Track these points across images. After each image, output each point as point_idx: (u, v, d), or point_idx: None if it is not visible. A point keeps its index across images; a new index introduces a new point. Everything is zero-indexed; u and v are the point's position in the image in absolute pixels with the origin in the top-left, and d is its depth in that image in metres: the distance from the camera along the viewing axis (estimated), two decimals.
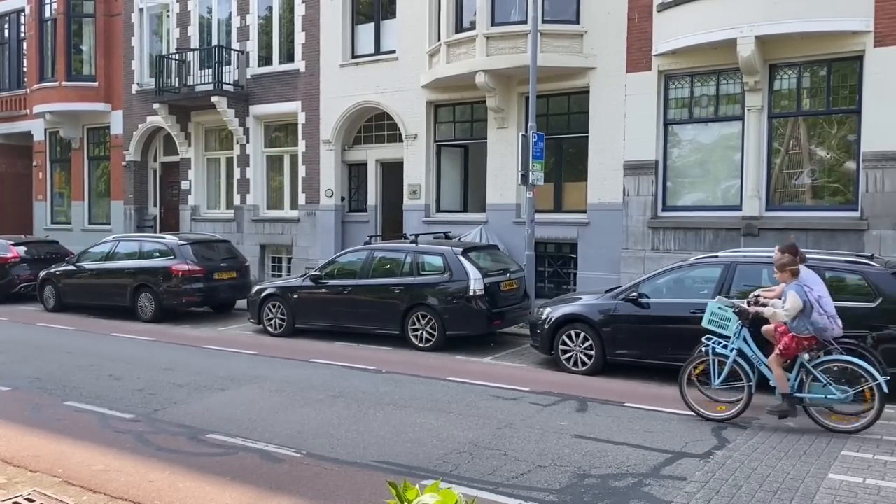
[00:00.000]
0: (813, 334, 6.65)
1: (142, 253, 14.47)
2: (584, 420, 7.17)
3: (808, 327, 6.64)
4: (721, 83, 12.34)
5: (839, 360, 6.61)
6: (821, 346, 6.70)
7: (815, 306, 6.63)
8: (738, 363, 7.00)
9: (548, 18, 13.37)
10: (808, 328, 6.64)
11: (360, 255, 12.15)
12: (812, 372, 6.64)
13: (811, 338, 6.66)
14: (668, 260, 11.55)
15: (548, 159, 13.14)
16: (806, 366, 6.66)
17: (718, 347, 7.12)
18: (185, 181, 19.83)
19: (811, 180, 11.88)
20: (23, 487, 5.39)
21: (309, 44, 17.24)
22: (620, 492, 5.31)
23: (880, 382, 6.35)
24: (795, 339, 6.66)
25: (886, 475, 5.47)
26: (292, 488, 5.40)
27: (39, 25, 21.80)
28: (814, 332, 6.64)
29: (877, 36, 10.75)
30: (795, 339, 6.66)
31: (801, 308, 6.58)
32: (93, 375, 9.22)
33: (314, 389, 8.43)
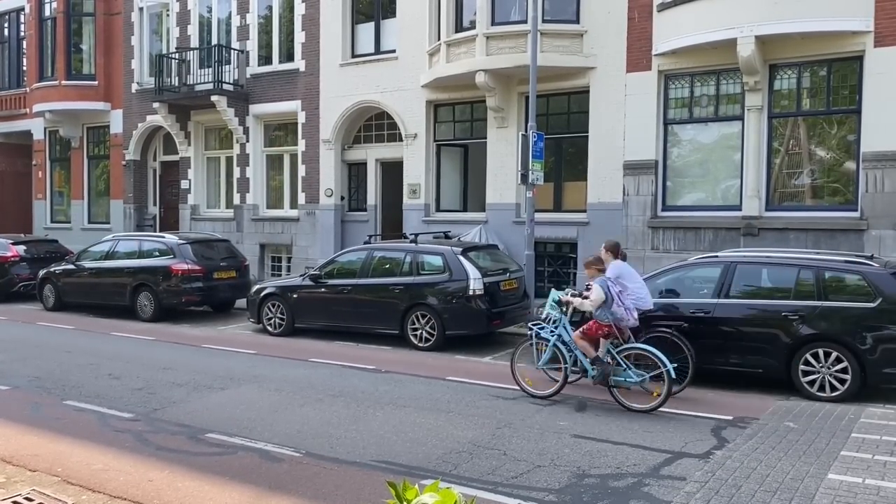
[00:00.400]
0: (610, 322, 7.54)
1: (141, 252, 14.46)
2: (583, 420, 7.17)
3: (608, 316, 7.53)
4: (721, 83, 12.34)
5: (636, 348, 7.59)
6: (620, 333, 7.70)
7: (616, 299, 7.56)
8: (557, 347, 7.92)
9: (548, 18, 13.37)
10: (607, 317, 7.54)
11: (359, 255, 12.15)
12: (616, 357, 7.55)
13: (609, 325, 7.56)
14: (667, 260, 11.56)
15: (547, 159, 13.13)
16: (612, 352, 7.60)
17: (543, 333, 8.07)
18: (185, 180, 19.82)
19: (811, 180, 11.88)
20: (22, 486, 5.39)
21: (309, 43, 17.23)
22: (620, 492, 5.31)
23: (669, 369, 7.24)
24: (596, 325, 7.63)
25: (886, 475, 5.46)
26: (292, 488, 5.40)
27: (39, 24, 21.79)
28: (612, 320, 7.53)
29: (877, 36, 10.75)
30: (597, 324, 7.63)
31: (603, 299, 7.52)
32: (92, 374, 9.21)
33: (314, 389, 8.42)
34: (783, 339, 8.09)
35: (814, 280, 8.16)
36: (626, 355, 7.54)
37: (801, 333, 8.02)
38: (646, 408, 7.37)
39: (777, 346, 8.13)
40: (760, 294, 8.62)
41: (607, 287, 7.56)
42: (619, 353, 7.55)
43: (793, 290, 8.26)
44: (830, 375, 7.89)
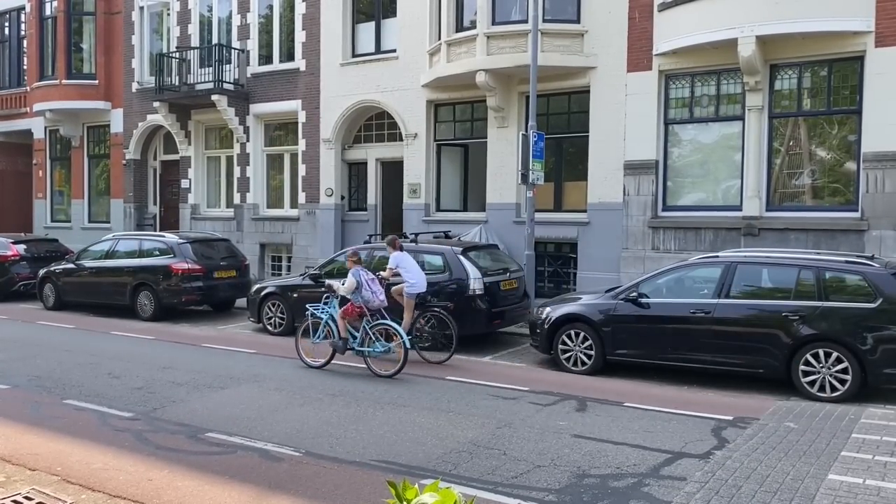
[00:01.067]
0: (360, 304, 9.27)
1: (141, 251, 14.46)
2: (583, 420, 7.17)
3: (359, 299, 9.28)
4: (722, 83, 12.33)
5: (382, 324, 9.24)
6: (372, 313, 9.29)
7: (364, 285, 9.25)
8: (328, 325, 9.51)
9: (548, 18, 13.36)
10: (358, 300, 9.28)
11: (360, 255, 12.12)
12: (369, 332, 9.14)
13: (360, 306, 9.29)
14: (668, 260, 11.56)
15: (548, 159, 13.13)
16: (366, 328, 9.20)
17: (317, 312, 9.66)
18: (185, 180, 19.82)
19: (811, 180, 11.87)
20: (21, 486, 5.39)
21: (309, 42, 17.23)
22: (620, 492, 5.31)
23: (404, 340, 8.89)
24: (352, 306, 9.36)
25: (886, 476, 5.46)
26: (291, 487, 5.39)
27: (40, 23, 21.79)
28: (362, 302, 9.26)
29: (878, 36, 10.75)
30: (352, 306, 9.36)
31: (355, 286, 9.22)
32: (92, 374, 9.21)
33: (313, 388, 8.42)
34: (783, 340, 8.09)
35: (814, 280, 8.16)
36: (376, 329, 9.17)
37: (801, 333, 8.01)
38: (388, 373, 8.97)
39: (777, 346, 8.13)
40: (761, 294, 8.62)
41: (359, 275, 9.30)
42: (371, 329, 9.17)
43: (793, 290, 8.26)
44: (831, 376, 7.89)
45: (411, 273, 9.95)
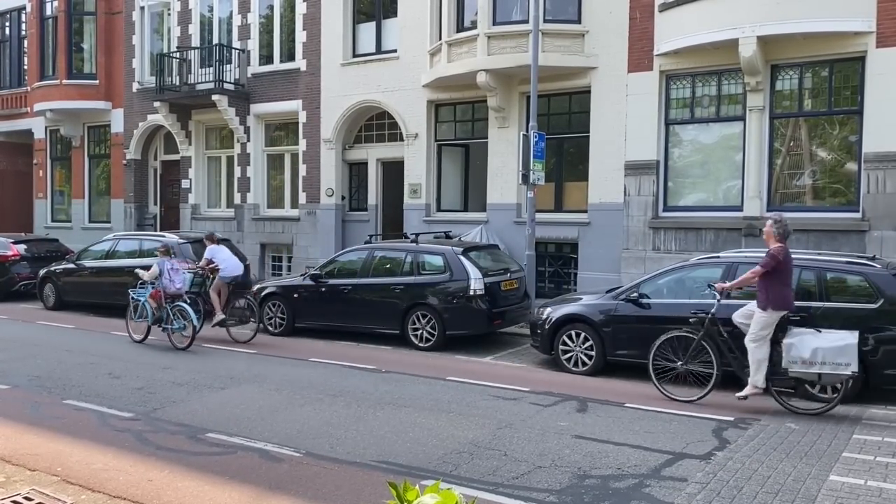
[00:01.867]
0: (160, 289, 11.07)
1: (142, 251, 14.44)
2: (584, 420, 7.16)
3: (161, 285, 11.05)
4: (722, 83, 12.32)
5: (178, 306, 10.94)
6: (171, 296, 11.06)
7: (166, 273, 11.05)
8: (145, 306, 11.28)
9: (549, 18, 13.35)
10: (161, 286, 11.05)
11: (360, 255, 12.14)
12: (169, 312, 10.96)
13: (159, 291, 11.07)
14: (668, 260, 11.54)
15: (548, 159, 13.12)
16: (168, 308, 10.95)
17: (135, 296, 11.47)
18: (186, 180, 19.82)
19: (812, 181, 11.86)
20: (21, 486, 5.38)
21: (310, 42, 17.22)
22: (621, 493, 5.29)
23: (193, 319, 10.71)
24: (157, 291, 11.10)
25: (888, 477, 5.45)
26: (292, 488, 5.38)
27: (40, 23, 21.79)
28: (160, 288, 11.06)
29: (879, 36, 10.73)
30: (157, 291, 11.09)
31: (157, 274, 11.07)
32: (92, 374, 9.20)
33: (314, 388, 8.41)
34: None
35: (815, 281, 8.15)
36: (175, 310, 10.95)
37: None
38: (183, 346, 10.83)
39: None
40: None
41: (162, 265, 11.09)
42: (171, 309, 11.00)
43: (794, 290, 8.23)
44: None
45: (223, 262, 11.69)
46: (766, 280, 7.41)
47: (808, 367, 7.23)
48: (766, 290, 7.43)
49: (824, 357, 7.14)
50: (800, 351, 7.24)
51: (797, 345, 7.28)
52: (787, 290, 7.53)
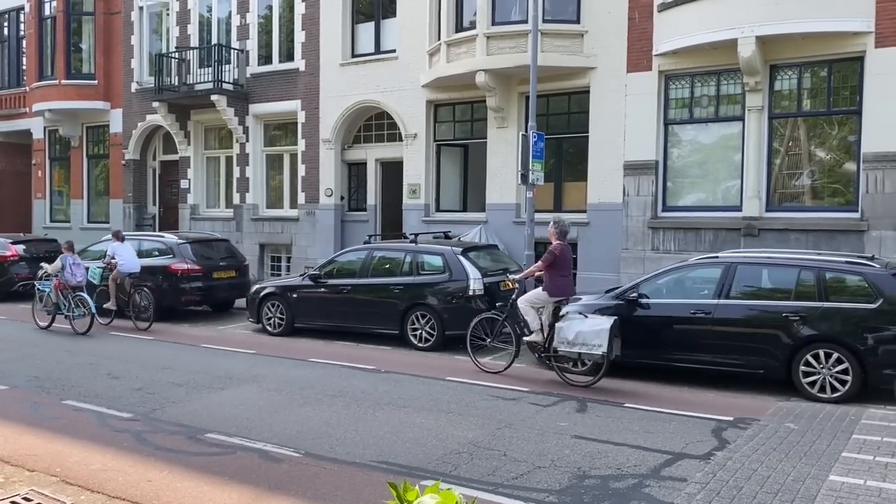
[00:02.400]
0: (63, 282, 12.28)
1: (141, 252, 14.41)
2: (583, 420, 7.16)
3: (63, 278, 12.29)
4: (721, 83, 12.33)
5: (79, 296, 12.15)
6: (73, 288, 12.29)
7: (68, 268, 12.26)
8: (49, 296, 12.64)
9: (548, 18, 13.36)
10: (63, 278, 12.29)
11: (359, 255, 12.14)
12: (71, 302, 12.25)
13: (62, 283, 12.29)
14: (668, 260, 11.54)
15: (548, 159, 13.11)
16: (70, 298, 12.27)
17: (41, 287, 12.92)
18: (185, 180, 19.81)
19: (811, 181, 11.87)
20: (20, 486, 5.37)
21: (309, 43, 17.21)
22: (621, 493, 5.29)
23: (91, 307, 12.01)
24: (59, 282, 12.37)
25: (887, 477, 5.45)
26: (291, 488, 5.38)
27: (39, 23, 21.78)
28: (62, 280, 12.29)
29: (878, 36, 10.74)
30: (59, 282, 12.36)
31: (59, 268, 12.27)
32: (91, 374, 9.20)
33: (313, 389, 8.41)
34: (784, 340, 8.08)
35: (814, 281, 8.14)
36: (76, 300, 12.13)
37: (801, 334, 8.00)
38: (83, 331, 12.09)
39: (778, 346, 8.11)
40: (761, 295, 8.60)
41: (65, 260, 12.31)
42: (73, 299, 12.08)
43: (793, 290, 8.25)
44: (831, 376, 7.87)
45: (123, 258, 13.02)
46: (547, 272, 8.81)
47: (571, 347, 8.45)
48: (547, 280, 8.82)
49: (584, 339, 8.32)
50: (566, 333, 8.45)
51: (565, 328, 8.48)
52: (564, 280, 8.92)
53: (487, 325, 9.54)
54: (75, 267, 12.39)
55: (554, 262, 8.74)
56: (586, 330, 8.34)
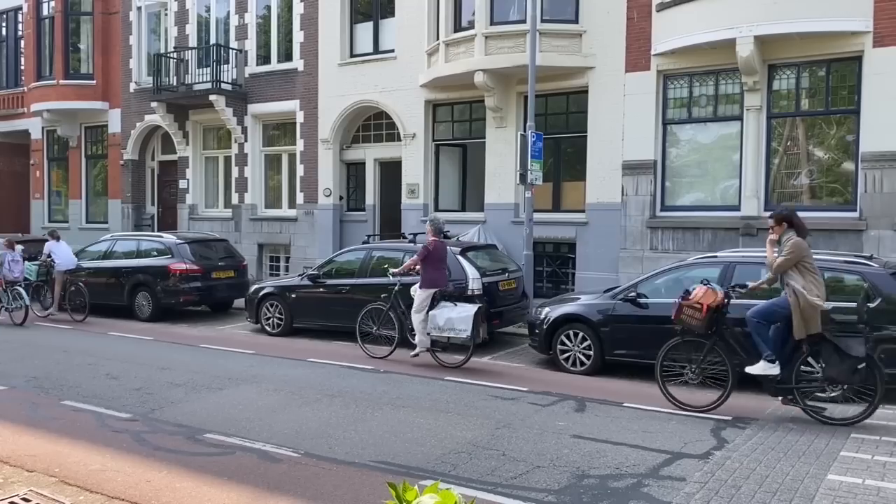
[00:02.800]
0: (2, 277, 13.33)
1: (139, 252, 14.44)
2: (582, 420, 7.16)
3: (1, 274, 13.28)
4: (720, 83, 12.33)
5: (16, 290, 13.20)
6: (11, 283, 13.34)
7: (6, 264, 13.20)
8: None
9: (547, 18, 13.36)
10: (1, 274, 13.26)
11: (358, 255, 12.13)
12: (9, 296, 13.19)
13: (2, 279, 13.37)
14: (666, 260, 11.54)
15: (546, 159, 13.12)
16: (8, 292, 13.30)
17: None
18: (183, 180, 19.80)
19: (810, 181, 11.88)
20: (19, 487, 5.37)
21: (307, 43, 17.21)
22: (619, 492, 5.30)
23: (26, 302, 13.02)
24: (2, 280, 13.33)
25: (885, 476, 5.46)
26: (290, 488, 5.38)
27: (37, 23, 21.76)
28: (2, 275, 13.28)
29: (876, 36, 10.75)
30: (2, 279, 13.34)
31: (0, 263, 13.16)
32: (90, 374, 9.19)
33: (312, 389, 8.41)
34: None
35: None
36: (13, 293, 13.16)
37: None
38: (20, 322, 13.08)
39: None
40: (759, 294, 8.59)
41: (3, 256, 13.25)
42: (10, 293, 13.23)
43: None
44: None
45: (59, 257, 13.78)
46: (422, 266, 9.58)
47: (441, 332, 9.36)
48: (422, 274, 9.60)
49: (452, 325, 9.25)
50: (437, 320, 9.37)
51: (437, 315, 9.40)
52: (438, 273, 9.70)
53: (375, 315, 10.44)
54: (14, 264, 13.40)
55: (428, 256, 9.60)
56: (455, 317, 9.29)
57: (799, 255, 6.87)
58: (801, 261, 6.90)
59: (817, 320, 6.77)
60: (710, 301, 7.25)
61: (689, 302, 7.34)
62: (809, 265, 6.92)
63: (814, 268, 6.94)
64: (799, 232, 7.09)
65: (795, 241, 6.96)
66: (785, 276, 6.96)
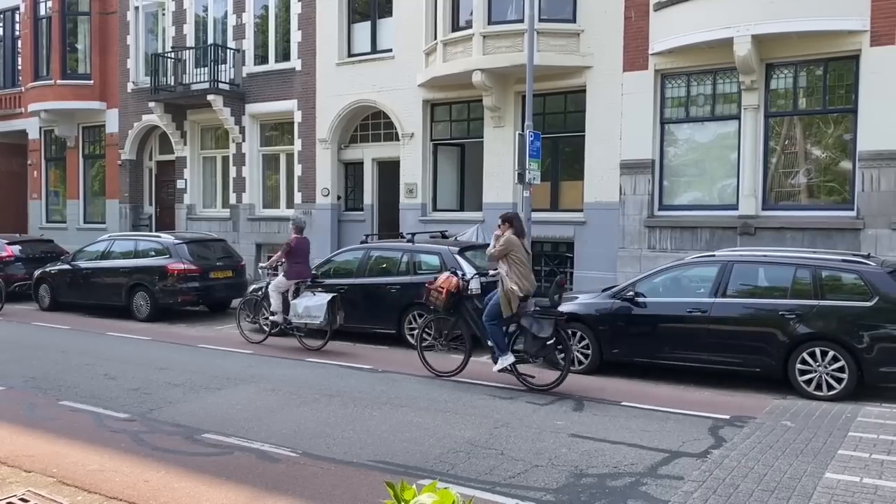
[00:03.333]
0: None
1: (137, 252, 14.42)
2: (580, 419, 7.17)
3: None
4: (717, 82, 12.34)
5: None
6: None
7: None
8: None
9: (544, 17, 13.37)
10: None
11: (356, 255, 12.13)
12: None
13: None
14: (664, 259, 11.56)
15: (544, 158, 13.12)
16: None
17: None
18: (181, 180, 19.78)
19: (807, 180, 11.90)
20: (17, 487, 5.36)
21: (305, 42, 17.20)
22: (618, 491, 5.30)
23: None
24: None
25: (883, 474, 5.47)
26: (288, 488, 5.38)
27: (34, 23, 21.73)
28: None
29: (873, 35, 10.77)
30: None
31: None
32: (88, 375, 9.18)
33: (310, 389, 8.41)
34: (780, 338, 8.10)
35: (811, 279, 8.17)
36: None
37: (797, 332, 8.03)
38: None
39: (774, 345, 8.14)
40: (757, 293, 8.63)
41: None
42: None
43: (790, 289, 8.27)
44: (827, 374, 7.90)
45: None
46: (286, 260, 11.20)
47: (300, 319, 10.60)
48: (286, 267, 11.17)
49: (309, 312, 10.47)
50: (297, 308, 10.65)
51: (298, 304, 10.67)
52: (300, 266, 11.22)
53: (252, 306, 12.15)
54: None
55: (290, 251, 11.12)
56: (312, 305, 10.50)
57: (509, 249, 8.24)
58: (511, 253, 8.22)
59: (516, 303, 8.13)
60: (449, 286, 8.73)
61: (434, 286, 8.88)
62: (517, 259, 8.22)
63: (521, 261, 8.25)
64: (516, 232, 8.45)
65: (509, 237, 8.32)
66: (498, 265, 8.39)
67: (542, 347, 8.06)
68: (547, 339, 7.98)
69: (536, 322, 8.02)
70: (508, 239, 8.29)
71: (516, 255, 8.23)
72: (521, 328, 8.24)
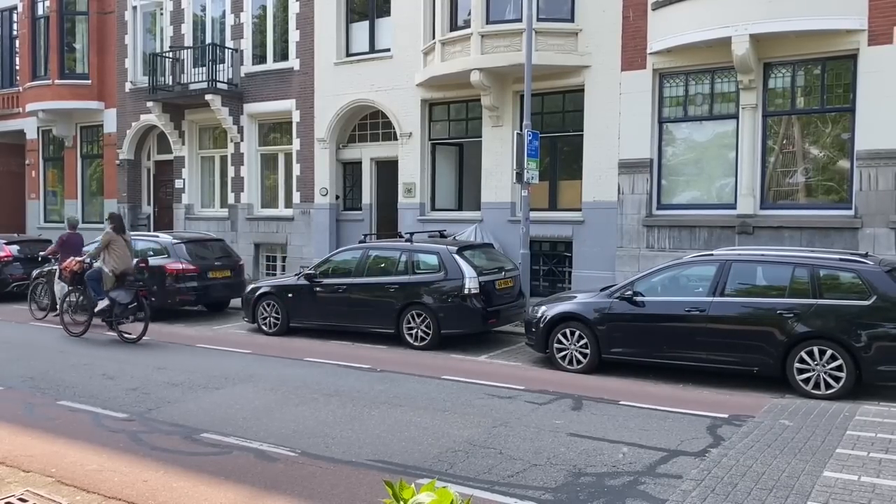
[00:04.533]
0: None
1: (136, 252, 14.37)
2: (579, 418, 7.17)
3: None
4: (716, 81, 12.36)
5: None
6: None
7: None
8: None
9: (543, 16, 13.38)
10: None
11: (354, 254, 12.13)
12: None
13: None
14: (662, 258, 11.58)
15: (543, 157, 13.15)
16: None
17: None
18: (179, 180, 19.77)
19: (805, 179, 11.91)
20: (15, 487, 5.36)
21: (303, 42, 17.20)
22: (616, 490, 5.31)
23: None
24: None
25: (881, 473, 5.48)
26: (287, 488, 5.38)
27: (32, 23, 21.71)
28: None
29: (871, 35, 10.78)
30: None
31: None
32: (86, 374, 9.17)
33: (309, 388, 8.41)
34: (778, 337, 8.11)
35: (809, 278, 8.18)
36: None
37: (796, 331, 8.04)
38: None
39: (772, 343, 8.15)
40: (755, 292, 8.64)
41: None
42: None
43: (788, 287, 8.28)
44: (825, 373, 7.91)
45: None
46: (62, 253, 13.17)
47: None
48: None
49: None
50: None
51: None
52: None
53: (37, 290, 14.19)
54: None
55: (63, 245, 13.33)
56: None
57: (106, 242, 11.46)
58: (109, 245, 11.44)
59: (113, 281, 11.33)
60: (73, 267, 11.96)
61: (64, 266, 12.21)
62: (115, 249, 11.45)
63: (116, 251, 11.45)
64: (115, 229, 11.66)
65: (108, 233, 11.58)
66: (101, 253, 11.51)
67: (126, 309, 11.40)
68: (129, 304, 11.34)
69: (124, 291, 11.31)
70: (106, 234, 11.57)
71: (114, 247, 11.45)
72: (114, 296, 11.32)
